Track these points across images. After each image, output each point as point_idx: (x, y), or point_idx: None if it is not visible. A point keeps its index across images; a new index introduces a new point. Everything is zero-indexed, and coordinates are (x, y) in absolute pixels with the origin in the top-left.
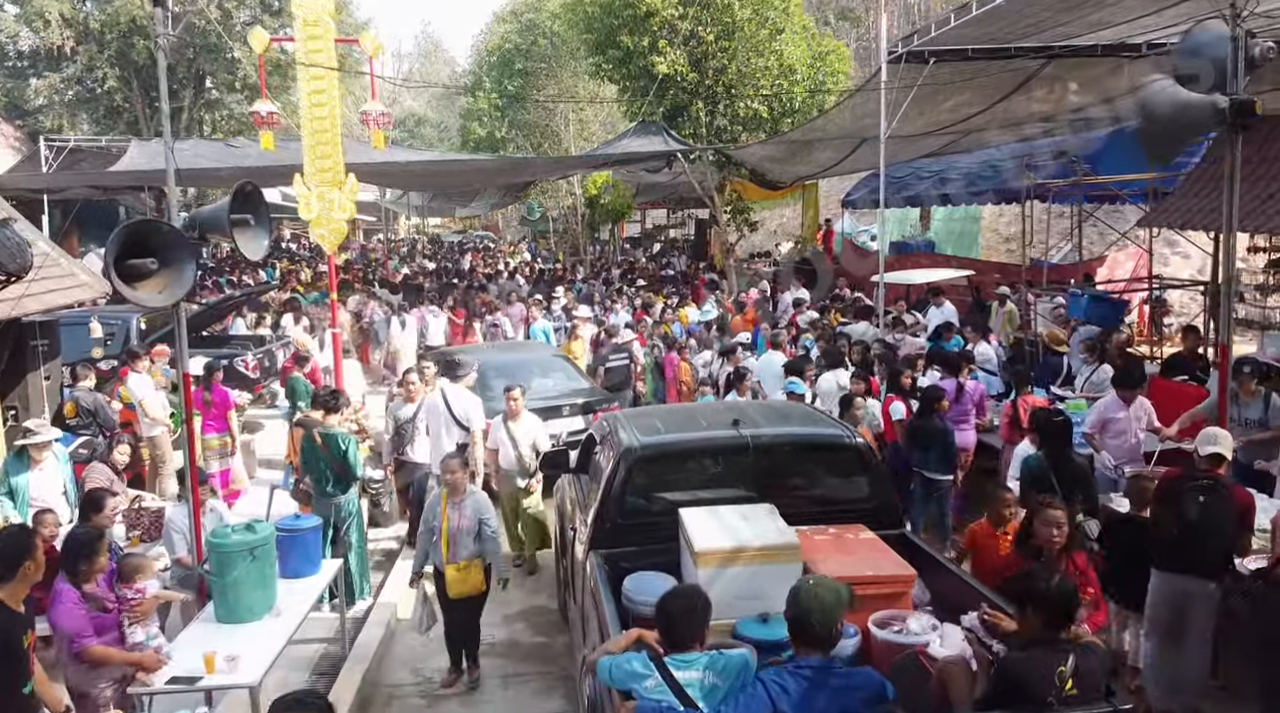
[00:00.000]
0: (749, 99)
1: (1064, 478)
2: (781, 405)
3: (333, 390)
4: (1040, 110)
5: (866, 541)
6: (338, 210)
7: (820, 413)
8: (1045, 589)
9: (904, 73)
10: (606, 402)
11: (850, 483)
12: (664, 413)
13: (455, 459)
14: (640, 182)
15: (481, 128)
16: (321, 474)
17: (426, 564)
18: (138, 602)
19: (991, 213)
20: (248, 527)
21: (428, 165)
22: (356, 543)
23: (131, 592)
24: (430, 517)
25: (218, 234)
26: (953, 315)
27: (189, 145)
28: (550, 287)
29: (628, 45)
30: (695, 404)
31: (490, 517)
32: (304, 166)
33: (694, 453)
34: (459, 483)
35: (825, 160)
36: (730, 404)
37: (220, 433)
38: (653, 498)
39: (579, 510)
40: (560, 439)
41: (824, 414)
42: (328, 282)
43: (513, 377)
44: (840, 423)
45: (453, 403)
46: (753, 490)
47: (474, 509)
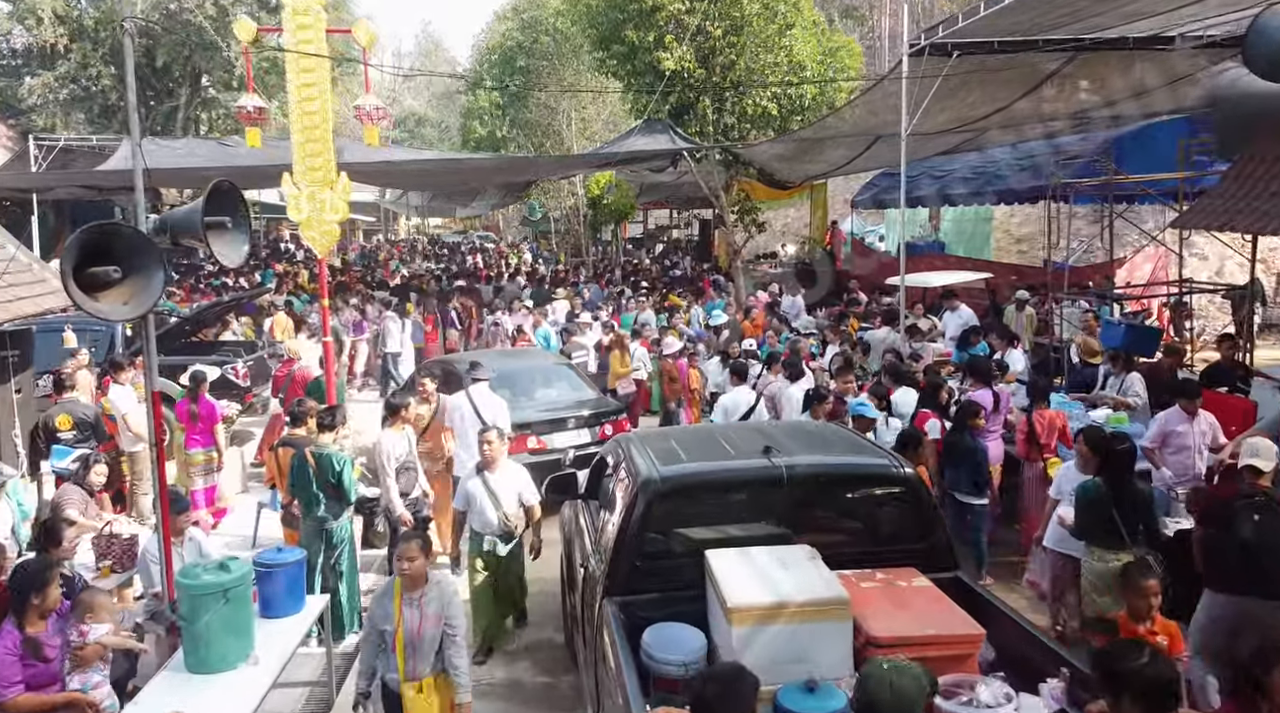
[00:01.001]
0: (757, 96)
1: (1124, 506)
2: (814, 427)
3: (329, 407)
4: (1064, 108)
5: (922, 590)
6: (329, 212)
7: (862, 438)
8: (1143, 675)
9: (925, 66)
10: (615, 413)
11: (899, 519)
12: (683, 436)
13: (415, 541)
14: (643, 181)
15: (482, 127)
16: (313, 497)
17: (374, 680)
18: (79, 646)
19: (1003, 213)
20: (221, 565)
21: (425, 164)
22: (348, 572)
23: (76, 634)
24: (380, 617)
25: (191, 238)
26: (971, 320)
27: (181, 144)
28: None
29: (633, 40)
30: (716, 425)
31: (457, 617)
32: (293, 165)
33: (722, 485)
34: (419, 573)
35: (837, 159)
36: (757, 426)
37: (206, 448)
38: (675, 537)
39: (590, 545)
40: (566, 458)
41: (866, 439)
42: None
43: (512, 386)
44: (887, 451)
45: (480, 406)
46: (787, 528)
47: (438, 606)
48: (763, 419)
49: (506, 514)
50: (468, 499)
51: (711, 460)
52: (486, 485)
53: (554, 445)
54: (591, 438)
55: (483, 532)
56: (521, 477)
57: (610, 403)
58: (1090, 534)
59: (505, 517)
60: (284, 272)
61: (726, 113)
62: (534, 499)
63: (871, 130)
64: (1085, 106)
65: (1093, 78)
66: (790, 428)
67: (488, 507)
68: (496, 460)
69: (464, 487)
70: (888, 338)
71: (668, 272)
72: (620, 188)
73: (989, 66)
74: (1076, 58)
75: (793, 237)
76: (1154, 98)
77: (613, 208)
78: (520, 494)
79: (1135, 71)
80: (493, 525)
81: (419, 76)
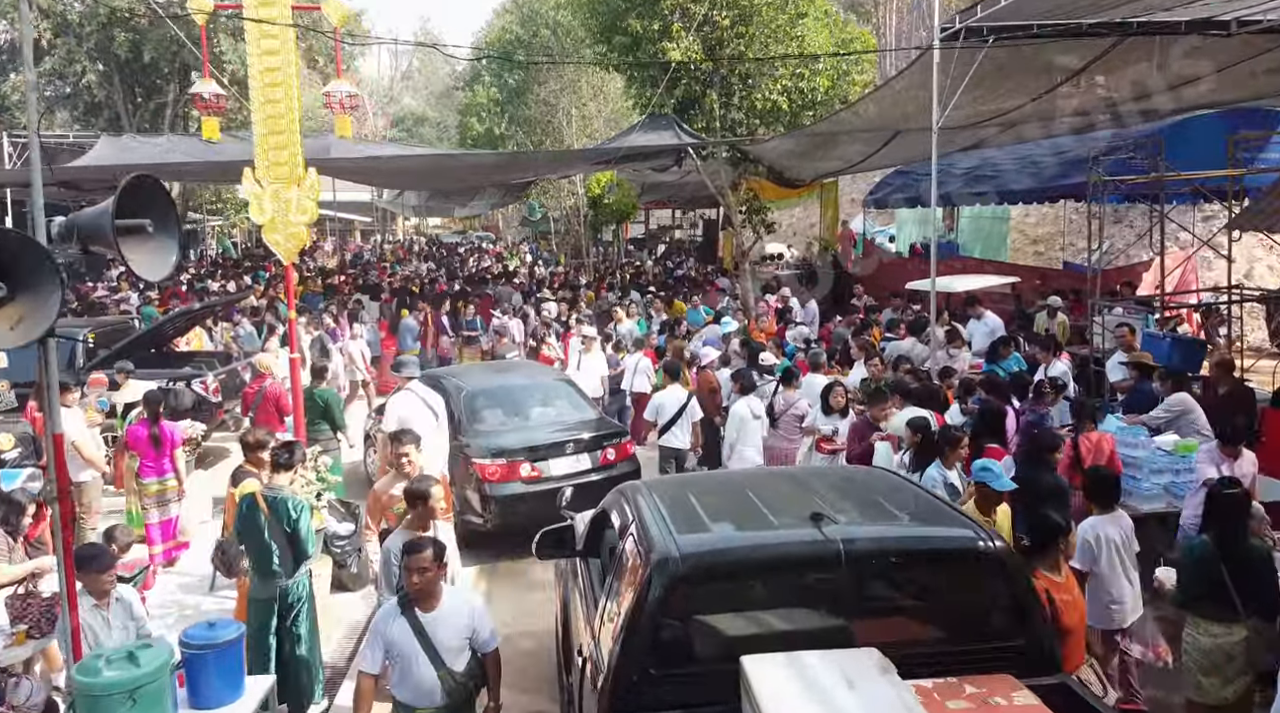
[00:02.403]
0: (767, 90)
1: (1238, 571)
2: (866, 477)
3: (287, 443)
4: (1107, 98)
5: (1028, 711)
6: (296, 212)
7: (934, 497)
8: None
9: (958, 55)
10: (618, 435)
11: (988, 609)
12: (703, 489)
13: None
14: (645, 180)
15: (480, 124)
16: (264, 549)
17: None
18: None
19: (1017, 213)
20: (129, 656)
21: (415, 161)
22: (306, 634)
23: None
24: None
25: (100, 245)
26: (999, 329)
27: (162, 140)
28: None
29: (636, 30)
30: (743, 474)
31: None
32: (255, 160)
33: (761, 567)
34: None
35: (852, 155)
36: (795, 475)
37: (162, 476)
38: (700, 635)
39: (589, 624)
40: (563, 498)
41: (939, 499)
42: (318, 285)
43: (503, 405)
44: (968, 519)
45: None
46: (846, 621)
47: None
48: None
49: (453, 674)
50: (387, 648)
51: (745, 529)
52: (419, 629)
53: (550, 473)
54: (592, 463)
55: (414, 704)
56: (470, 607)
57: (613, 424)
58: (1196, 602)
59: (451, 677)
60: (275, 273)
61: (734, 107)
62: (492, 642)
63: (890, 125)
64: (1129, 97)
65: (1135, 65)
66: (837, 480)
67: (421, 664)
68: (433, 594)
69: (383, 630)
70: (914, 350)
71: (671, 273)
72: (622, 187)
73: (1025, 53)
74: (1122, 43)
75: (797, 237)
76: (1200, 88)
77: (614, 208)
78: (473, 634)
79: (1179, 59)
80: (432, 694)
81: (417, 74)
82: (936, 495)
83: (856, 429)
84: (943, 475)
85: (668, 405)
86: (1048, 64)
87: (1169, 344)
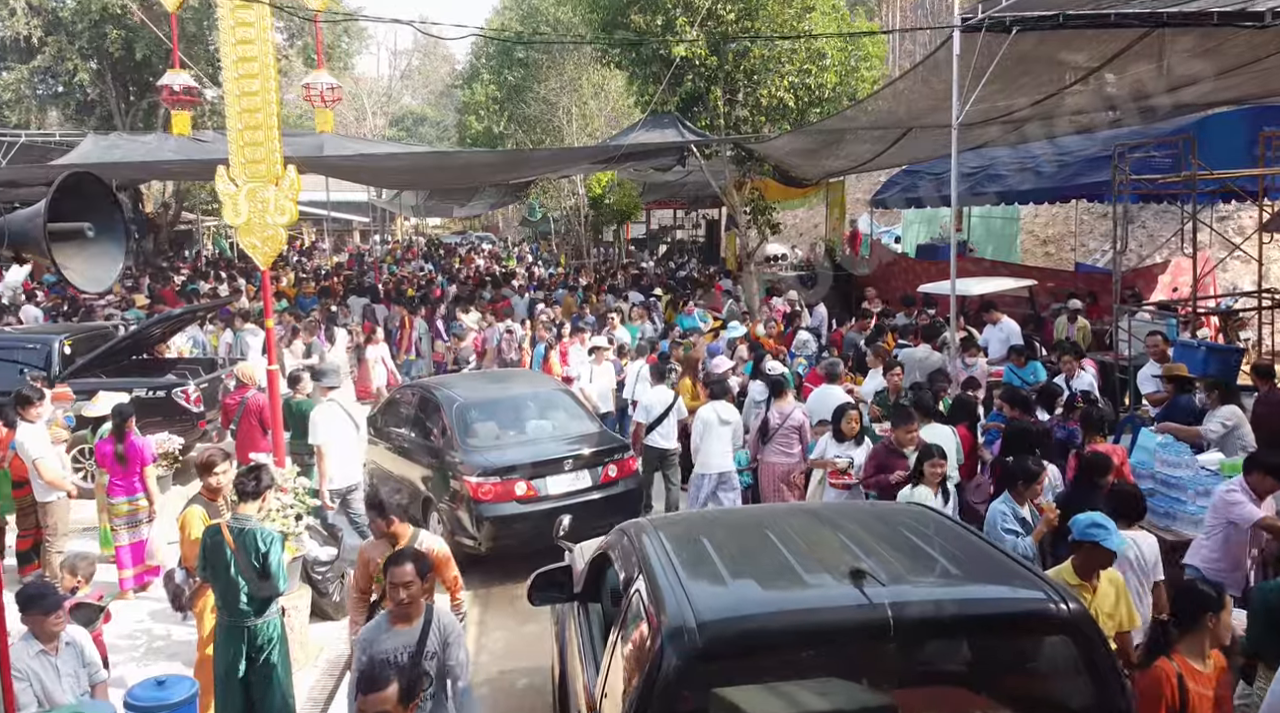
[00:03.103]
0: (773, 86)
1: None
2: (905, 519)
3: (252, 467)
4: (1136, 90)
5: None
6: (274, 213)
7: (989, 544)
8: None
9: (979, 48)
10: (621, 451)
11: (1061, 683)
12: (718, 529)
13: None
14: (647, 180)
15: (479, 122)
16: (231, 587)
17: None
18: None
19: (1027, 213)
20: None
21: (407, 160)
22: (280, 678)
23: None
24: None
25: (33, 251)
26: (1015, 335)
27: (150, 139)
28: None
29: (639, 25)
30: (762, 509)
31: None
32: (230, 158)
33: (795, 637)
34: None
35: (861, 154)
36: (821, 516)
37: (131, 496)
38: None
39: (589, 685)
40: (560, 528)
41: (995, 546)
42: (312, 287)
43: (495, 417)
44: (1038, 575)
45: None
46: (892, 697)
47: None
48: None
49: None
50: None
51: (772, 588)
52: None
53: (547, 491)
54: (593, 481)
55: None
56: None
57: (615, 439)
58: (1268, 651)
59: None
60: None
61: (739, 105)
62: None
63: (902, 122)
64: (1149, 92)
65: (1161, 58)
66: (870, 520)
67: None
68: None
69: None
70: (929, 358)
71: (674, 274)
72: (623, 187)
73: (1046, 46)
74: (1150, 34)
75: (802, 238)
76: (1225, 83)
77: (615, 208)
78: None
79: (1211, 51)
80: None
81: (416, 73)
82: (990, 541)
83: (877, 455)
84: (1012, 509)
85: (654, 406)
86: (1070, 58)
87: (1204, 353)
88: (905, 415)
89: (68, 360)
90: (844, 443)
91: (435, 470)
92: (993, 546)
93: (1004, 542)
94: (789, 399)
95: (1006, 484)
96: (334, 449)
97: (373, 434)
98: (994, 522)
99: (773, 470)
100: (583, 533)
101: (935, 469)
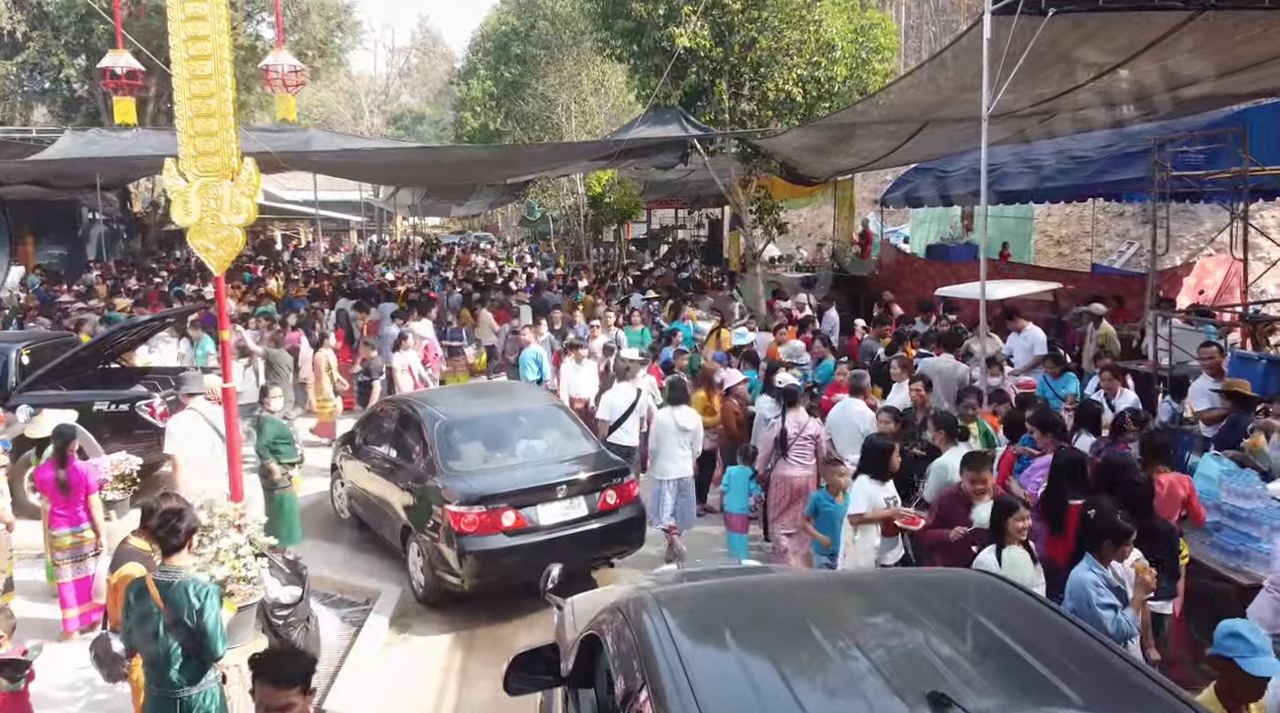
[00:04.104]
0: (781, 79)
1: None
2: (981, 597)
3: (170, 512)
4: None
5: None
6: (229, 212)
7: (1103, 643)
8: None
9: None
10: (620, 475)
11: None
12: (741, 613)
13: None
14: (648, 179)
15: (475, 119)
16: (159, 651)
17: None
18: None
19: (1039, 212)
20: None
21: (398, 155)
22: None
23: None
24: None
25: None
26: (1041, 344)
27: (129, 136)
28: None
29: (640, 14)
30: (794, 581)
31: None
32: (179, 149)
33: None
34: None
35: (874, 150)
36: (871, 591)
37: (75, 527)
38: None
39: None
40: (549, 579)
41: (1112, 648)
42: (301, 289)
43: (479, 436)
44: (1182, 700)
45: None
46: None
47: None
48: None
49: None
50: None
51: (818, 701)
52: None
53: (538, 522)
54: (589, 509)
55: None
56: None
57: (615, 461)
58: None
59: None
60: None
61: (745, 99)
62: None
63: (916, 118)
64: (1206, 75)
65: (1204, 44)
66: (936, 602)
67: None
68: None
69: None
70: (956, 370)
71: (675, 275)
72: (624, 185)
73: (1085, 28)
74: (1196, 17)
75: (810, 238)
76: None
77: (615, 207)
78: None
79: (1256, 38)
80: None
81: (415, 72)
82: (1094, 634)
83: (942, 504)
84: (1102, 576)
85: (618, 404)
86: (1105, 45)
87: (1264, 366)
88: (978, 460)
89: (26, 371)
90: (886, 483)
91: (415, 496)
92: (1104, 643)
93: (1104, 623)
94: (802, 409)
95: (1090, 544)
96: (193, 461)
97: (350, 452)
98: (1085, 597)
99: (789, 483)
100: (578, 569)
101: (1021, 524)
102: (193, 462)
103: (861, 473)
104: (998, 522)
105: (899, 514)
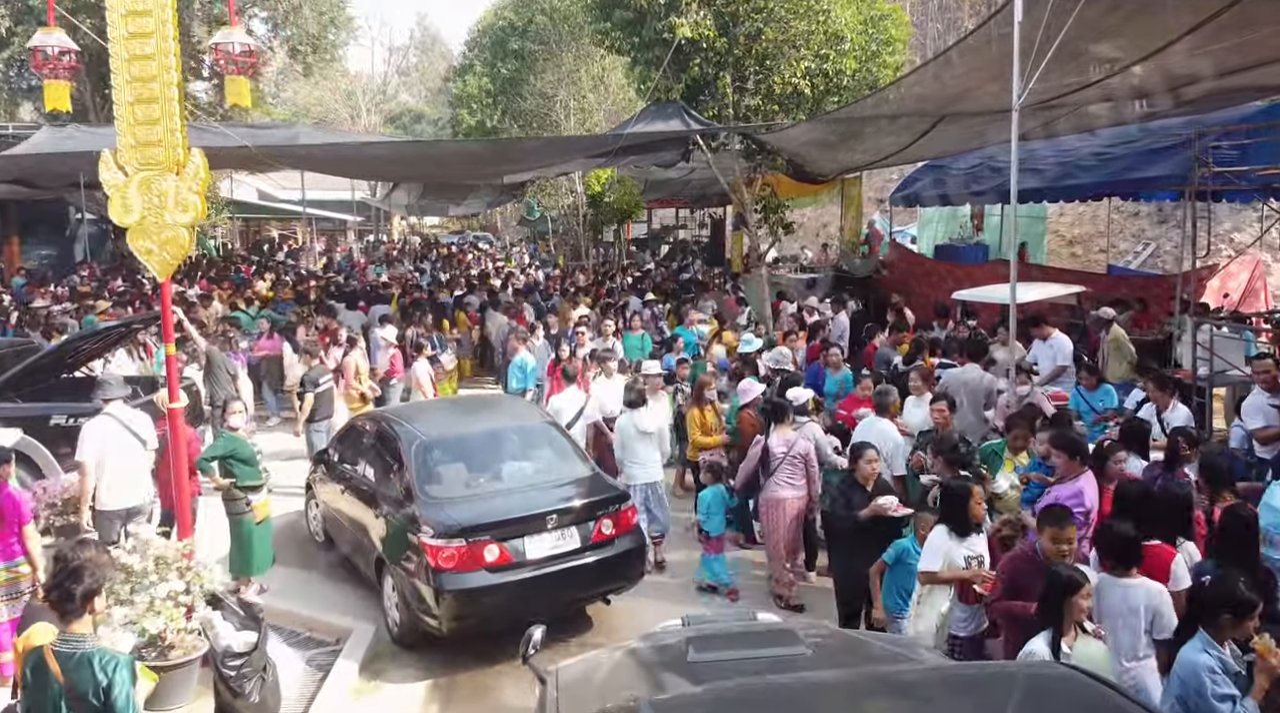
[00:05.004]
0: (787, 72)
1: None
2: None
3: (61, 570)
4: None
5: None
6: (174, 209)
7: None
8: None
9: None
10: (617, 502)
11: None
12: None
13: None
14: (649, 177)
15: (471, 116)
16: None
17: None
18: None
19: (1052, 212)
20: None
21: (388, 149)
22: None
23: None
24: None
25: None
26: (1067, 354)
27: (108, 130)
28: None
29: (641, 3)
30: (824, 685)
31: None
32: (117, 139)
33: None
34: None
35: (885, 147)
36: (919, 688)
37: (9, 561)
38: None
39: None
40: (530, 644)
41: None
42: (289, 291)
43: (462, 458)
44: None
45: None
46: None
47: None
48: None
49: None
50: None
51: None
52: None
53: (525, 556)
54: (583, 541)
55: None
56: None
57: (612, 486)
58: None
59: None
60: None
61: (749, 93)
62: None
63: (930, 112)
64: (1248, 64)
65: (1250, 28)
66: (1014, 703)
67: None
68: None
69: None
70: (983, 381)
71: (676, 276)
72: (624, 184)
73: (1125, 9)
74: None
75: (816, 239)
76: None
77: (615, 207)
78: None
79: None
80: None
81: (414, 70)
82: None
83: (1013, 568)
84: (1219, 659)
85: (565, 410)
86: (1144, 28)
87: None
88: (1057, 517)
89: None
90: (967, 535)
91: (390, 524)
92: None
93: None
94: (788, 427)
95: (1203, 619)
96: (106, 468)
97: (324, 471)
98: (1199, 687)
99: (781, 507)
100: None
101: (1085, 603)
102: (108, 470)
103: (940, 523)
104: (1055, 602)
105: (980, 578)
